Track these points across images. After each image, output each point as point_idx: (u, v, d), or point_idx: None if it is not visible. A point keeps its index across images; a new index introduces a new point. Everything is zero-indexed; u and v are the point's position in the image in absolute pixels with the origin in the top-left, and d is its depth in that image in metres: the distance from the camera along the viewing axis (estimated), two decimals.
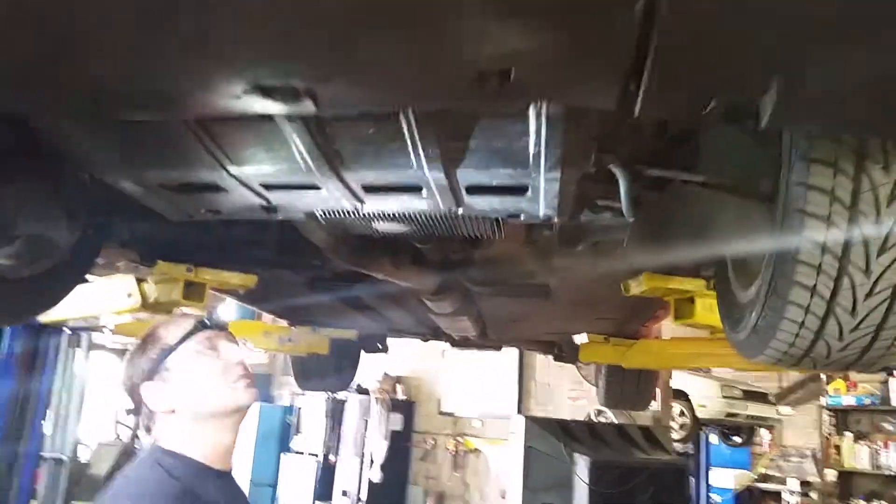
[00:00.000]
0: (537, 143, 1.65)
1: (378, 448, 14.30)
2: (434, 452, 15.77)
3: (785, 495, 10.76)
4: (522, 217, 2.16)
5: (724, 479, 10.52)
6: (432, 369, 16.00)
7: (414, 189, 1.97)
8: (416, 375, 16.34)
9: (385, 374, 15.00)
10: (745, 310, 1.89)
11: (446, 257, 3.26)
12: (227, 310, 8.25)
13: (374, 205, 2.11)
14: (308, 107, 1.48)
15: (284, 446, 14.53)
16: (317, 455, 14.06)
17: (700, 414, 9.13)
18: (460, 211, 2.12)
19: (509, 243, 2.90)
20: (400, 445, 15.11)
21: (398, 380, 16.02)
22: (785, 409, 10.59)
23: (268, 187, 2.03)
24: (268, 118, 1.60)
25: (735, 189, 1.85)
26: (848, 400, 10.45)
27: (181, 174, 1.91)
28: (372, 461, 13.85)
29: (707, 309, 2.95)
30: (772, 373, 10.80)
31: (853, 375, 10.72)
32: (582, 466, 5.38)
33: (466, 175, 1.85)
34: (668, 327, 5.09)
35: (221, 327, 1.93)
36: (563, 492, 5.86)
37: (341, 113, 1.58)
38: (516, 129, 1.62)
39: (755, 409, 9.53)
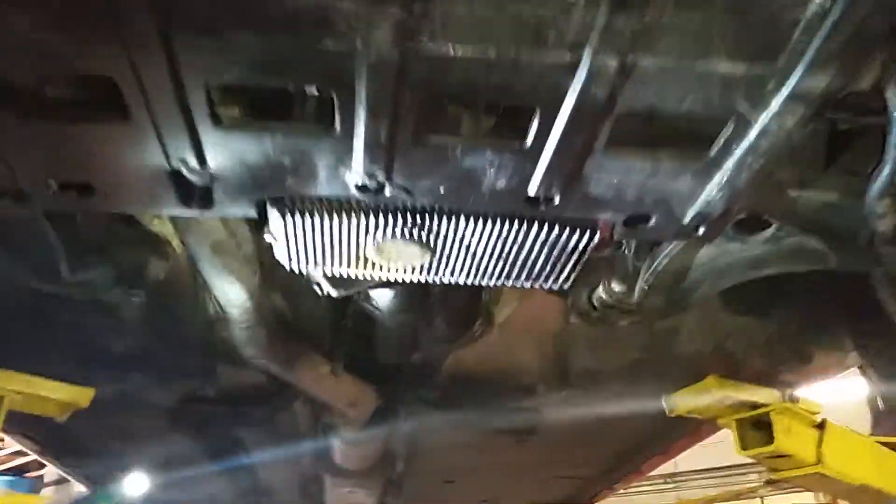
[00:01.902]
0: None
1: None
2: None
3: None
4: (652, 222, 1.31)
5: None
6: None
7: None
8: None
9: None
10: None
11: (403, 361, 2.23)
12: None
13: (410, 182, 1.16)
14: None
15: None
16: None
17: None
18: (557, 199, 1.24)
19: (511, 332, 1.97)
20: None
21: None
22: None
23: None
24: None
25: None
26: None
27: None
28: None
29: (786, 431, 2.13)
30: None
31: None
32: None
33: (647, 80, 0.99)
34: None
35: None
36: None
37: None
38: None
39: None
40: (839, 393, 3.98)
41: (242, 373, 2.23)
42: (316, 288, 1.77)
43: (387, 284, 1.81)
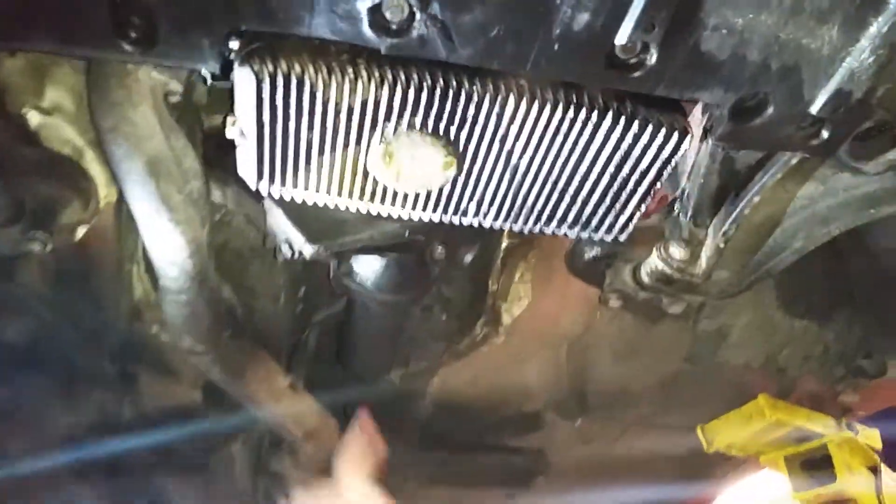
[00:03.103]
0: None
1: None
2: None
3: None
4: (768, 111, 0.99)
5: None
6: None
7: None
8: None
9: None
10: None
11: (384, 373, 1.79)
12: None
13: None
14: None
15: None
16: None
17: None
18: (652, 58, 0.91)
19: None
20: None
21: None
22: None
23: None
24: None
25: None
26: None
27: None
28: None
29: (847, 469, 1.74)
30: None
31: None
32: None
33: None
34: None
35: None
36: None
37: None
38: None
39: None
40: None
41: (172, 388, 1.73)
42: (283, 248, 1.35)
43: (376, 250, 1.40)
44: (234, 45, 0.88)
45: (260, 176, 1.07)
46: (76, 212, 1.31)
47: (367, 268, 1.42)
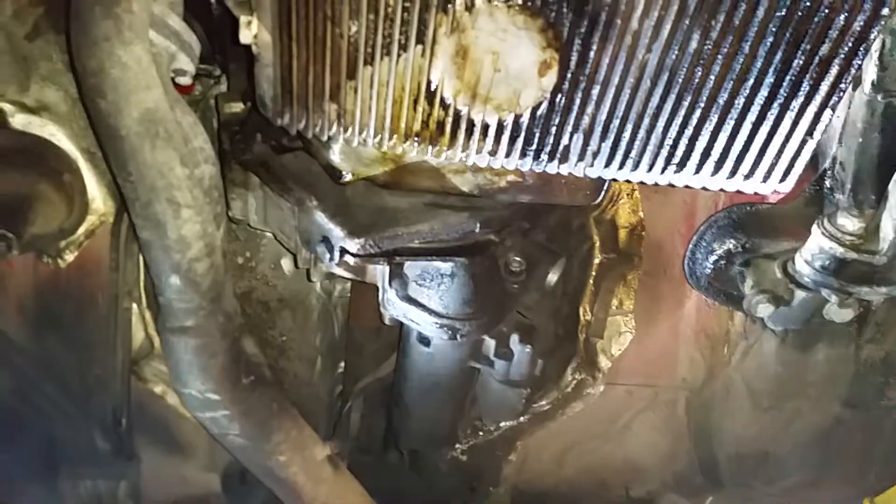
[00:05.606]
0: None
1: None
2: None
3: None
4: None
5: None
6: None
7: None
8: None
9: None
10: None
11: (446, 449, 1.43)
12: None
13: None
14: None
15: None
16: None
17: None
18: None
19: None
20: None
21: None
22: None
23: None
24: None
25: None
26: None
27: None
28: None
29: None
30: None
31: None
32: None
33: None
34: None
35: None
36: None
37: None
38: None
39: None
40: None
41: (182, 470, 1.37)
42: (320, 252, 1.04)
43: (438, 254, 1.08)
44: None
45: (286, 100, 0.79)
46: (56, 213, 1.03)
47: (427, 278, 1.09)
